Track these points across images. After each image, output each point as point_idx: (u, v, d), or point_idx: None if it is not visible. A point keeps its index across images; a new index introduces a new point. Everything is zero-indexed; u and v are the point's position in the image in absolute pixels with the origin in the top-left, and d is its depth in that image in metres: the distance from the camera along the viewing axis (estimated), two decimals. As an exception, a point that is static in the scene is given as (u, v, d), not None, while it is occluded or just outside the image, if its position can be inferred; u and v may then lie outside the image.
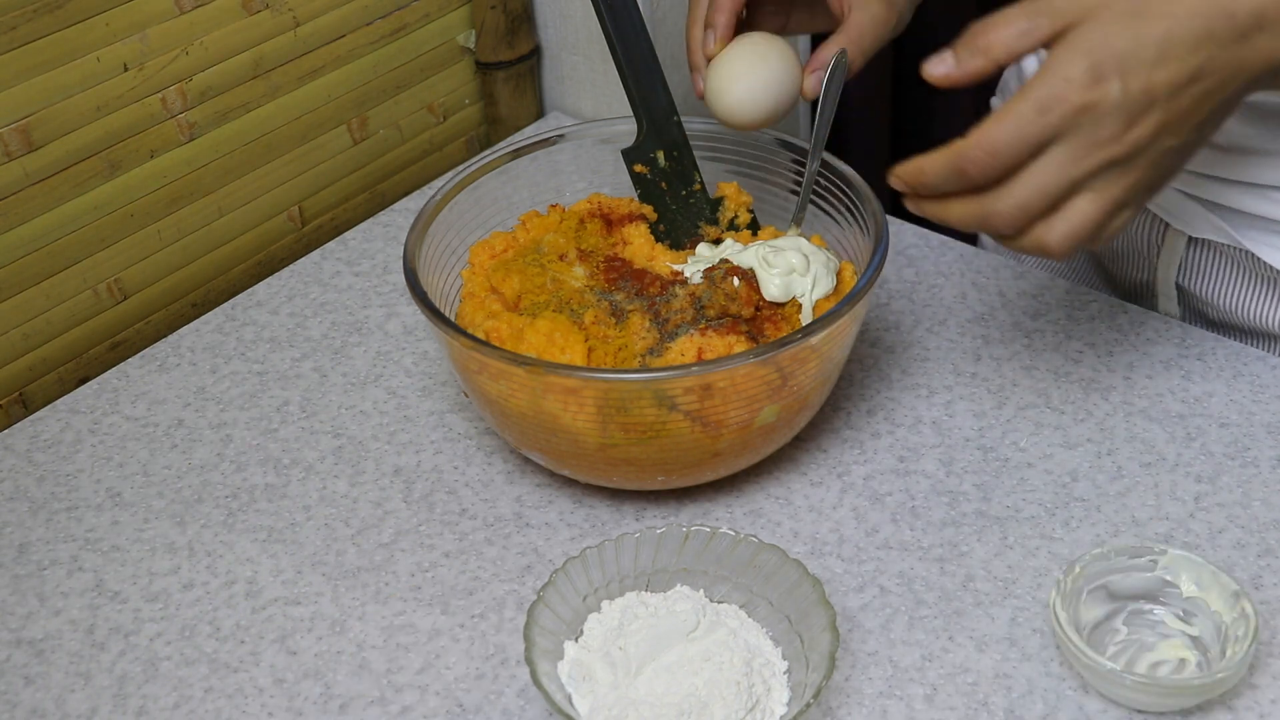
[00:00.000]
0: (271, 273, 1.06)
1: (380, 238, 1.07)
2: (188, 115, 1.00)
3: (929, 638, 0.75)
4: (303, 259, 1.06)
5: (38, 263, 0.96)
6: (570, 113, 1.22)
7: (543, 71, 1.22)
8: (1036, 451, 0.85)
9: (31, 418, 0.93)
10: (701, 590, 0.74)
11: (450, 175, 0.90)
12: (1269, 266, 0.89)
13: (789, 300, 0.81)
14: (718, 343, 0.79)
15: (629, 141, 0.89)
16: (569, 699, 0.69)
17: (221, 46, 1.01)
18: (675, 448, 0.78)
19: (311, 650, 0.76)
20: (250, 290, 1.03)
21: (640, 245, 0.87)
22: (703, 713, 0.68)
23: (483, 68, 1.19)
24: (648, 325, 0.80)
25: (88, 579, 0.81)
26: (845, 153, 0.93)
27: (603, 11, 0.86)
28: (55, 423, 0.92)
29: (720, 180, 0.92)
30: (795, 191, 0.90)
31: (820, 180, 0.88)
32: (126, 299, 1.02)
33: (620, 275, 0.84)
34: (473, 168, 0.89)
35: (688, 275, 0.83)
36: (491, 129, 1.22)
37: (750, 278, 0.81)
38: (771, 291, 0.80)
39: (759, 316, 0.81)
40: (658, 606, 0.72)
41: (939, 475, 0.84)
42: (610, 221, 0.89)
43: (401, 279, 1.01)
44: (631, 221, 0.88)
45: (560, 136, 0.92)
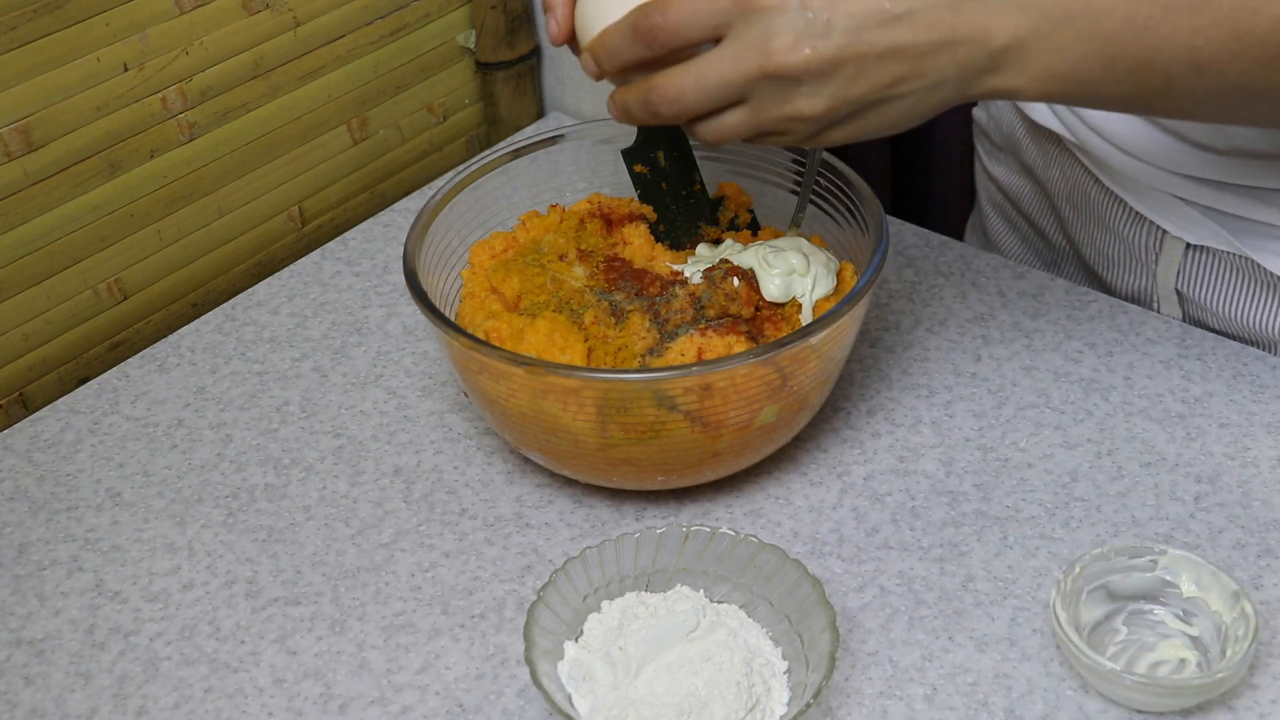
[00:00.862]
0: (271, 273, 1.06)
1: (380, 238, 1.07)
2: (188, 115, 1.00)
3: (929, 638, 0.75)
4: (303, 259, 1.06)
5: (38, 263, 0.96)
6: (570, 113, 1.22)
7: (543, 71, 1.22)
8: (1036, 451, 0.85)
9: (31, 418, 0.93)
10: (701, 590, 0.74)
11: (450, 175, 0.90)
12: (1269, 273, 0.89)
13: (789, 300, 0.81)
14: (718, 343, 0.79)
15: (629, 141, 0.89)
16: (569, 699, 0.69)
17: (221, 46, 1.01)
18: (675, 448, 0.78)
19: (311, 650, 0.76)
20: (250, 290, 1.03)
21: (640, 245, 0.87)
22: (703, 713, 0.68)
23: (483, 68, 1.19)
24: (648, 325, 0.80)
25: (88, 579, 0.81)
26: (845, 153, 0.93)
27: None
28: (55, 423, 0.92)
29: (720, 180, 0.92)
30: (795, 191, 0.90)
31: (820, 180, 0.88)
32: (126, 299, 1.02)
33: (620, 275, 0.84)
34: (473, 168, 0.89)
35: (688, 275, 0.83)
36: (491, 129, 1.22)
37: (750, 278, 0.81)
38: (771, 292, 0.80)
39: (759, 317, 0.81)
40: (658, 606, 0.72)
41: (939, 475, 0.84)
42: (610, 221, 0.89)
43: (401, 279, 1.01)
44: (631, 221, 0.88)
45: (560, 136, 0.92)
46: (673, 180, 0.89)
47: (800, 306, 0.81)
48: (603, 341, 0.80)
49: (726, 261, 0.82)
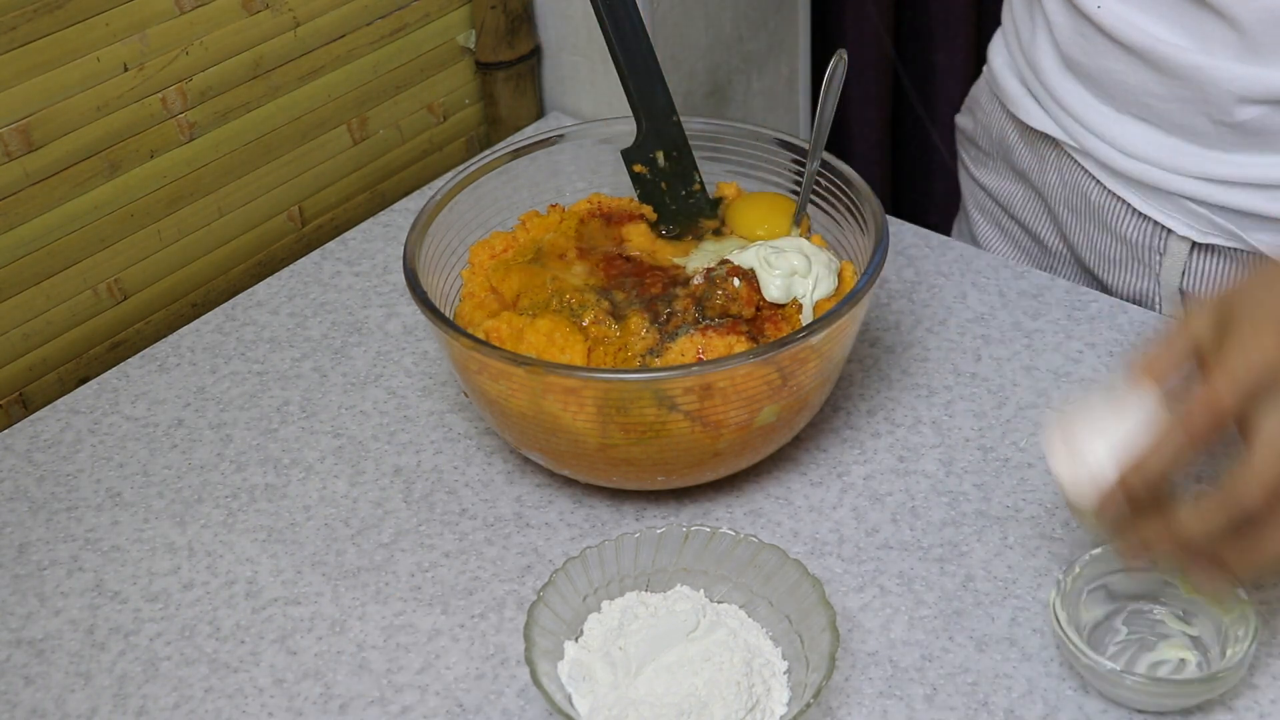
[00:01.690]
0: (271, 273, 1.06)
1: (380, 238, 1.07)
2: (188, 115, 1.00)
3: (929, 638, 0.75)
4: (303, 259, 1.06)
5: (38, 263, 0.96)
6: (570, 113, 1.22)
7: (543, 71, 1.22)
8: (1036, 451, 0.85)
9: (31, 418, 0.93)
10: (701, 590, 0.74)
11: (450, 175, 0.90)
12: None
13: (790, 301, 0.81)
14: (718, 343, 0.79)
15: (629, 141, 0.89)
16: (569, 699, 0.69)
17: (221, 46, 1.01)
18: (675, 448, 0.78)
19: (311, 650, 0.76)
20: (250, 290, 1.03)
21: (640, 243, 0.87)
22: (703, 713, 0.68)
23: (483, 68, 1.19)
24: (648, 325, 0.80)
25: (88, 579, 0.81)
26: (845, 153, 0.93)
27: (601, 11, 0.86)
28: (55, 423, 0.92)
29: (720, 180, 0.92)
30: (795, 191, 0.90)
31: (820, 180, 0.88)
32: (126, 299, 1.02)
33: (620, 275, 0.84)
34: (473, 168, 0.89)
35: (689, 270, 0.83)
36: (491, 129, 1.22)
37: (751, 278, 0.81)
38: (772, 293, 0.80)
39: (759, 317, 0.81)
40: (658, 606, 0.72)
41: (939, 475, 0.84)
42: (610, 221, 0.89)
43: (401, 279, 1.01)
44: (631, 221, 0.88)
45: (560, 136, 0.92)
46: (672, 180, 0.89)
47: (801, 306, 0.81)
48: (603, 341, 0.80)
49: (727, 262, 0.82)
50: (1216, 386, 0.64)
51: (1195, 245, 0.92)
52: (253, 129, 1.05)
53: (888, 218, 0.87)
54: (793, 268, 0.81)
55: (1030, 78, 0.96)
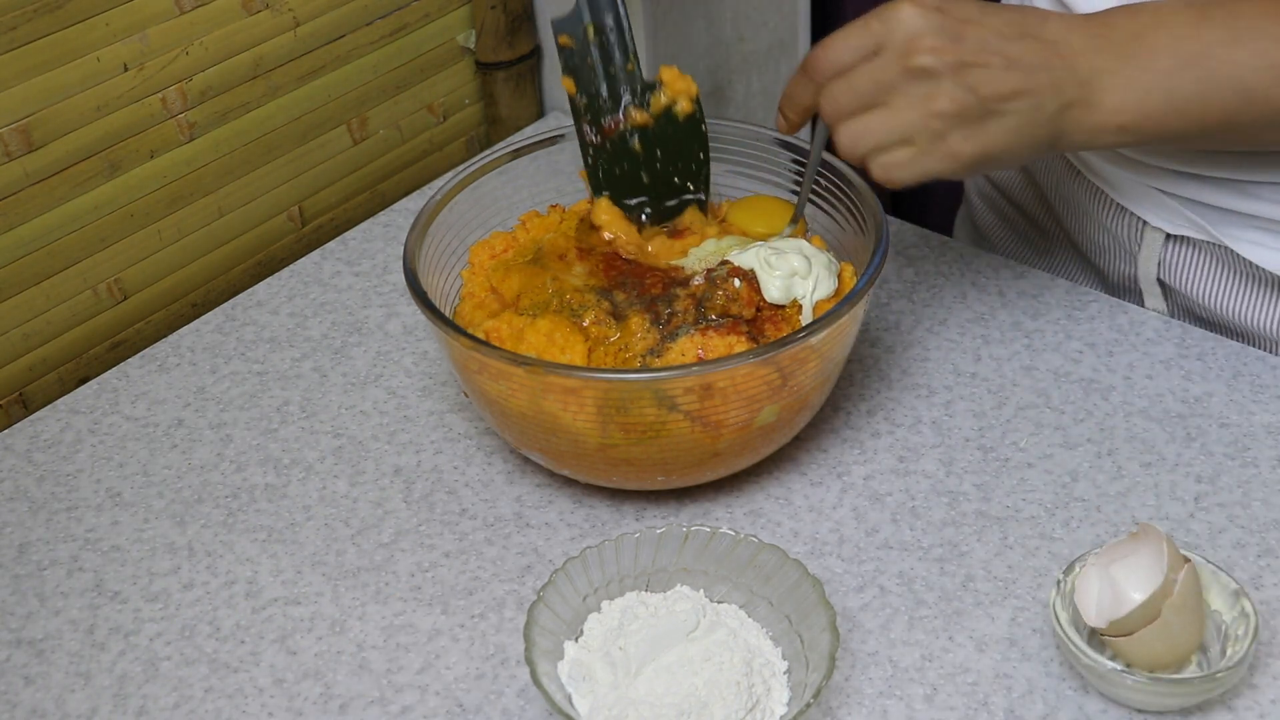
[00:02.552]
0: (271, 273, 1.06)
1: (380, 238, 1.07)
2: (188, 115, 1.01)
3: (929, 638, 0.75)
4: (303, 259, 1.06)
5: (38, 263, 0.96)
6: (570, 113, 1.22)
7: (543, 71, 1.22)
8: (1036, 451, 0.85)
9: (31, 418, 0.93)
10: (701, 590, 0.74)
11: (450, 175, 0.90)
12: (1247, 262, 0.89)
13: (790, 301, 0.81)
14: (718, 343, 0.79)
15: (628, 141, 0.89)
16: (569, 699, 0.69)
17: (221, 46, 1.01)
18: (675, 448, 0.78)
19: (311, 650, 0.76)
20: (250, 290, 1.03)
21: (611, 222, 0.86)
22: (703, 713, 0.68)
23: (483, 68, 1.19)
24: (648, 325, 0.80)
25: (88, 579, 0.81)
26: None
27: None
28: (55, 423, 0.92)
29: (718, 181, 0.92)
30: (795, 191, 0.90)
31: (820, 180, 0.88)
32: (126, 299, 1.02)
33: (621, 274, 0.84)
34: (473, 168, 0.89)
35: (689, 270, 0.83)
36: (491, 129, 1.22)
37: (751, 279, 0.81)
38: (772, 294, 0.80)
39: (759, 317, 0.81)
40: (658, 606, 0.72)
41: (939, 475, 0.84)
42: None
43: (401, 279, 1.01)
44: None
45: (560, 136, 0.92)
46: (602, 55, 0.86)
47: (801, 306, 0.81)
48: (603, 341, 0.80)
49: (728, 262, 0.82)
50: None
51: (1169, 237, 0.92)
52: (253, 129, 1.05)
53: (888, 218, 0.87)
54: (793, 269, 0.81)
55: None
